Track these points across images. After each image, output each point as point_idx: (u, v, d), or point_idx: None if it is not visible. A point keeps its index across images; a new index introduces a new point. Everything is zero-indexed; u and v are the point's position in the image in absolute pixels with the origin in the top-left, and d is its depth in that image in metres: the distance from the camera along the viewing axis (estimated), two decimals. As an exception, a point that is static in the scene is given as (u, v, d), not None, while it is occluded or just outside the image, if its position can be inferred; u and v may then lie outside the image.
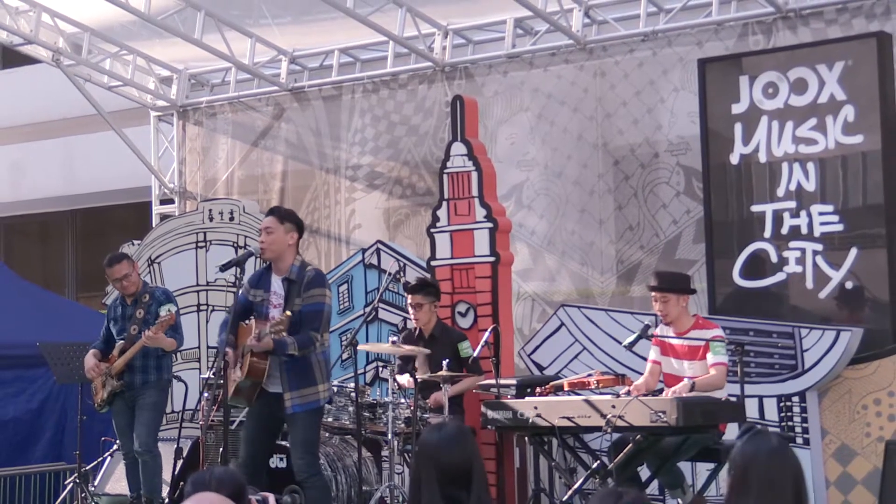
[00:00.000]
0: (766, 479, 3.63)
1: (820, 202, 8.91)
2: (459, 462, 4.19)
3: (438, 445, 4.23)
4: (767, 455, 3.66)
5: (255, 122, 12.24)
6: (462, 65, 11.02)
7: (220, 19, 11.14)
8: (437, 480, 4.15)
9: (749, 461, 3.69)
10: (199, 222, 11.57)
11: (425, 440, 4.34)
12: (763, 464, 3.66)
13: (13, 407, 10.98)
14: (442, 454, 4.20)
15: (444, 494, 4.14)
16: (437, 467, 4.17)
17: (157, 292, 9.01)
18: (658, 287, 7.80)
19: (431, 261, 9.49)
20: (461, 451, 4.24)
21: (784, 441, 3.75)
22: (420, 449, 4.33)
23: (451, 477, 4.16)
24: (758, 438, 3.73)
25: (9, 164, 16.71)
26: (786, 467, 3.67)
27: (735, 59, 9.51)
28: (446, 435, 4.30)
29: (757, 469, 3.66)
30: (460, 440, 4.30)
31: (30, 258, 17.48)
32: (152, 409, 8.84)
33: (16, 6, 11.28)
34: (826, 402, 8.60)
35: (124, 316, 8.85)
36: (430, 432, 4.40)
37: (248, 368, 7.42)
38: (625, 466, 7.37)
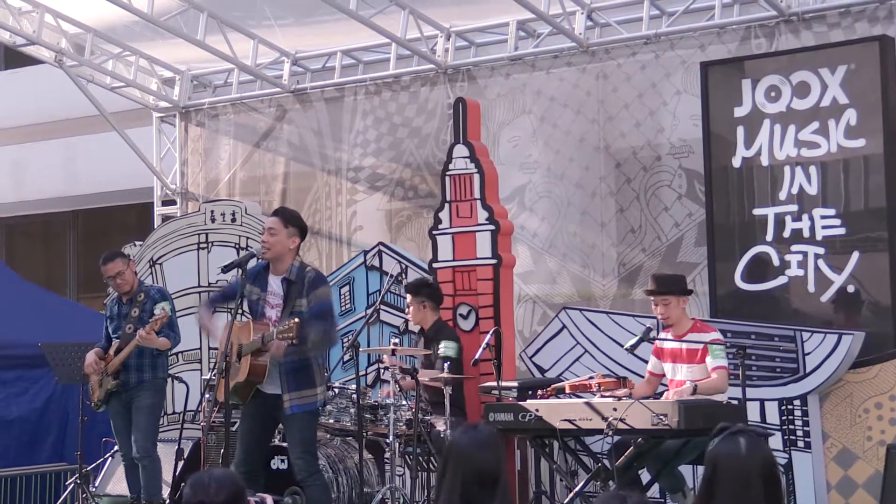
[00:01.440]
0: (737, 479, 3.68)
1: (822, 206, 8.92)
2: (490, 467, 4.18)
3: (472, 448, 4.20)
4: (737, 455, 3.71)
5: (257, 124, 12.24)
6: (464, 67, 11.02)
7: (222, 20, 11.15)
8: (462, 481, 4.13)
9: (720, 461, 3.74)
10: (200, 223, 11.58)
11: (460, 441, 4.30)
12: (733, 464, 3.70)
13: (17, 406, 10.99)
14: (475, 457, 4.17)
15: (465, 496, 4.12)
16: (467, 469, 4.15)
17: (152, 291, 8.99)
18: (658, 291, 7.81)
19: (433, 263, 9.50)
20: (494, 456, 4.23)
21: (756, 440, 3.79)
22: (453, 448, 4.29)
23: (477, 480, 4.14)
24: (729, 438, 3.78)
25: (11, 165, 16.73)
26: (755, 466, 3.70)
27: (738, 62, 9.51)
28: (481, 438, 4.28)
29: (727, 469, 3.71)
30: (494, 445, 4.30)
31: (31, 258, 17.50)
32: (149, 413, 8.80)
33: (19, 7, 11.29)
34: (827, 405, 8.60)
35: (120, 314, 8.84)
36: (464, 433, 4.38)
37: (249, 369, 7.43)
38: (626, 469, 7.37)
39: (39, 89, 15.28)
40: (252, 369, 7.44)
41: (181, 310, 10.95)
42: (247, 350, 7.46)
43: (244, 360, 7.50)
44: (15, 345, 10.84)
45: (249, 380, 7.46)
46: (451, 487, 4.14)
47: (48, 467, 10.84)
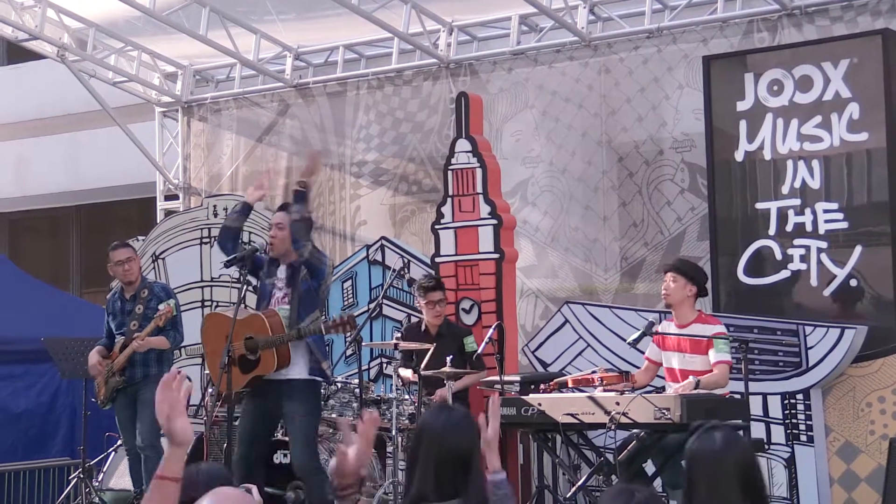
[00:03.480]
0: (712, 473, 3.74)
1: (824, 200, 8.92)
2: (462, 448, 4.17)
3: (444, 428, 4.20)
4: (712, 451, 3.77)
5: (259, 119, 12.24)
6: (467, 61, 11.01)
7: (224, 15, 11.15)
8: (436, 464, 4.12)
9: (696, 457, 3.81)
10: (203, 218, 11.59)
11: (430, 421, 4.29)
12: (708, 459, 3.77)
13: (24, 400, 11.02)
14: (448, 438, 4.16)
15: (439, 478, 4.11)
16: (439, 450, 4.14)
17: (156, 287, 8.98)
18: (672, 266, 7.83)
19: (436, 257, 9.51)
20: (465, 437, 4.22)
21: (733, 434, 3.85)
22: (423, 429, 4.28)
23: (449, 462, 4.13)
24: (706, 434, 3.84)
25: (14, 160, 16.72)
26: (729, 461, 3.75)
27: (740, 56, 9.51)
28: (452, 419, 4.27)
29: (703, 464, 3.77)
30: (466, 426, 4.27)
31: (35, 253, 17.50)
32: (153, 406, 8.80)
33: (21, 2, 11.29)
34: (830, 399, 8.61)
35: (123, 310, 8.82)
36: (435, 414, 4.36)
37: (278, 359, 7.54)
38: (630, 463, 7.37)
39: (42, 84, 15.28)
40: (280, 359, 7.54)
41: (184, 304, 10.98)
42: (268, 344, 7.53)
43: (267, 353, 7.56)
44: (19, 340, 10.86)
45: None
46: (424, 470, 4.14)
47: (53, 462, 10.87)
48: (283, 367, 7.63)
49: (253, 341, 7.63)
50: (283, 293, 7.75)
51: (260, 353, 7.65)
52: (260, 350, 7.63)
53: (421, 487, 4.12)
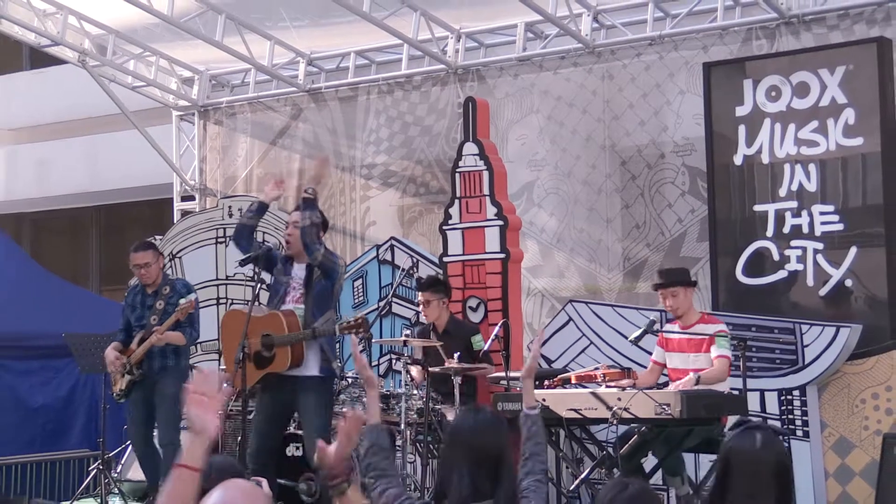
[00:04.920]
0: (747, 472, 3.67)
1: (821, 202, 8.92)
2: (492, 449, 4.14)
3: (474, 429, 4.17)
4: (751, 449, 3.70)
5: (273, 122, 12.26)
6: (474, 67, 11.02)
7: (240, 22, 11.17)
8: (470, 464, 4.08)
9: (732, 454, 3.72)
10: (218, 218, 11.61)
11: (461, 423, 4.26)
12: (745, 457, 3.69)
13: (42, 395, 11.04)
14: (477, 438, 4.14)
15: (474, 479, 4.08)
16: (472, 452, 4.11)
17: (177, 284, 8.95)
18: (666, 283, 7.81)
19: (444, 257, 9.51)
20: (496, 437, 4.19)
21: (771, 436, 3.77)
22: (455, 431, 4.25)
23: (481, 463, 4.10)
24: (746, 433, 3.76)
25: (36, 162, 16.76)
26: (768, 462, 3.69)
27: (739, 63, 9.51)
28: (483, 420, 4.25)
29: (739, 462, 3.69)
30: (496, 427, 4.25)
31: (56, 252, 17.54)
32: (174, 402, 8.73)
33: (43, 9, 11.32)
34: (826, 396, 8.61)
35: (143, 304, 8.75)
36: (465, 416, 4.33)
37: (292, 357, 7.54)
38: (630, 457, 7.38)
39: (63, 89, 15.30)
40: (294, 358, 7.55)
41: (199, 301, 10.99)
42: (284, 342, 7.55)
43: (282, 351, 7.58)
44: (40, 335, 10.89)
45: None
46: (460, 471, 4.10)
47: (72, 453, 10.89)
48: (297, 365, 7.64)
49: (269, 338, 7.65)
50: (298, 293, 7.75)
51: (275, 350, 7.66)
52: (275, 347, 7.64)
53: (458, 489, 4.08)
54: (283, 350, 7.61)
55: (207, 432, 3.29)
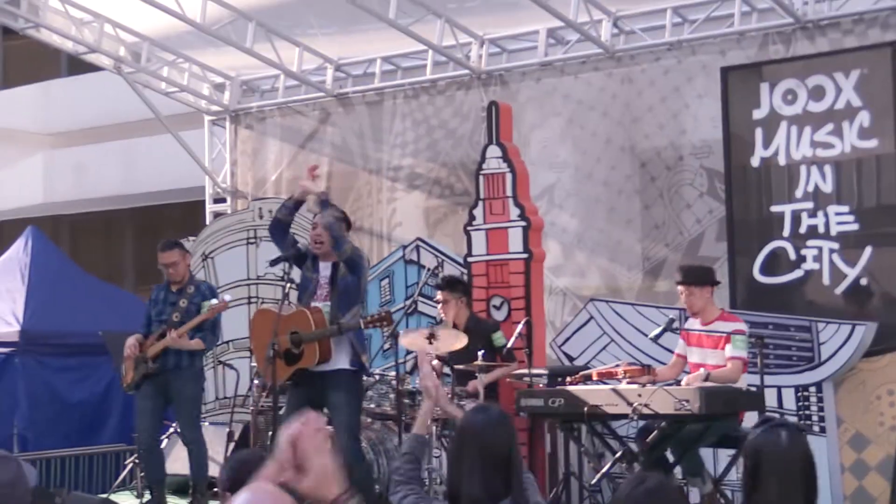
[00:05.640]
0: (777, 469, 3.64)
1: (836, 203, 8.89)
2: (501, 446, 4.10)
3: (484, 427, 4.13)
4: (778, 447, 3.67)
5: (302, 126, 12.28)
6: (497, 72, 11.02)
7: (270, 29, 11.20)
8: (480, 463, 4.04)
9: (761, 452, 3.69)
10: (249, 220, 11.64)
11: (470, 421, 4.22)
12: (774, 455, 3.66)
13: (79, 391, 11.11)
14: (486, 436, 4.10)
15: (484, 477, 4.03)
16: (481, 450, 4.07)
17: (202, 286, 8.92)
18: (682, 281, 7.81)
19: (468, 257, 9.52)
20: (504, 434, 4.16)
21: (796, 432, 3.75)
22: (463, 429, 4.20)
23: (491, 460, 4.06)
24: (771, 430, 3.73)
25: (74, 165, 16.87)
26: (795, 458, 3.66)
27: (756, 67, 9.48)
28: (491, 418, 4.21)
29: (768, 460, 3.66)
30: (504, 424, 4.23)
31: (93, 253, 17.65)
32: (193, 403, 8.76)
33: (80, 17, 11.38)
34: (841, 392, 8.58)
35: (167, 301, 8.72)
36: (474, 414, 4.29)
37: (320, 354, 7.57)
38: (651, 451, 7.37)
39: (99, 95, 15.40)
40: (322, 354, 7.58)
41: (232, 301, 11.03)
42: (311, 338, 7.58)
43: (309, 347, 7.61)
44: (78, 333, 10.95)
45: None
46: (470, 470, 4.05)
47: (108, 448, 10.95)
48: (325, 361, 7.67)
49: (297, 335, 7.68)
50: (325, 291, 7.79)
51: (303, 346, 7.69)
52: (303, 344, 7.67)
53: (469, 489, 4.05)
54: (310, 346, 7.65)
55: None
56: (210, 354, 11.31)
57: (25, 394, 10.85)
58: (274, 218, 8.12)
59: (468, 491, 4.05)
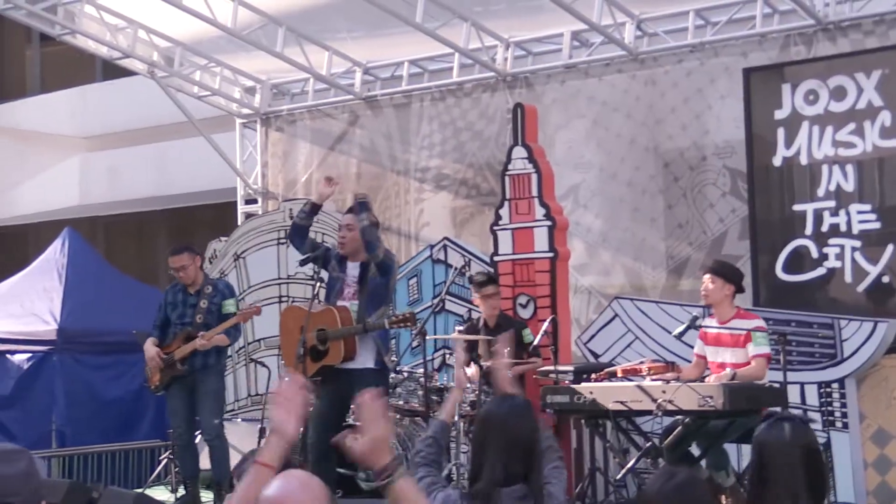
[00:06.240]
0: (782, 463, 3.66)
1: (858, 201, 8.84)
2: (525, 435, 4.10)
3: (507, 416, 4.11)
4: (782, 440, 3.70)
5: (331, 128, 12.30)
6: (522, 74, 11.01)
7: (299, 34, 11.22)
8: (503, 451, 4.04)
9: (766, 445, 3.73)
10: (280, 221, 11.66)
11: (493, 410, 4.20)
12: (778, 447, 3.69)
13: (115, 388, 11.16)
14: (509, 425, 4.09)
15: (507, 464, 4.03)
16: (505, 438, 4.06)
17: (220, 285, 8.95)
18: (710, 269, 7.77)
19: (494, 256, 9.51)
20: (527, 424, 4.15)
21: (800, 425, 3.77)
22: (487, 418, 4.19)
23: (513, 449, 4.06)
24: (775, 424, 3.77)
25: (108, 168, 16.95)
26: (799, 450, 3.68)
27: (778, 68, 9.44)
28: (515, 407, 4.20)
29: (773, 453, 3.69)
30: (527, 413, 4.22)
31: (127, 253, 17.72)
32: (216, 397, 8.80)
33: (115, 23, 11.43)
34: (864, 388, 8.52)
35: (186, 303, 8.75)
36: (498, 403, 4.27)
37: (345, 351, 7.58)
38: (675, 447, 7.34)
39: (133, 99, 15.45)
40: (347, 351, 7.59)
41: (262, 300, 11.08)
42: (337, 336, 7.59)
43: (335, 344, 7.63)
44: (113, 332, 11.00)
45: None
46: (493, 457, 4.05)
47: (144, 443, 11.00)
48: (350, 358, 7.67)
49: (323, 333, 7.69)
50: (352, 290, 7.80)
51: (329, 343, 7.70)
52: (329, 341, 7.68)
53: (491, 475, 4.05)
54: (336, 344, 7.66)
55: (287, 434, 3.33)
56: (242, 352, 11.39)
57: (63, 391, 10.92)
58: (293, 224, 8.16)
59: (489, 474, 4.05)
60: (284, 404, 3.37)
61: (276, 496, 3.03)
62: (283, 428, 3.34)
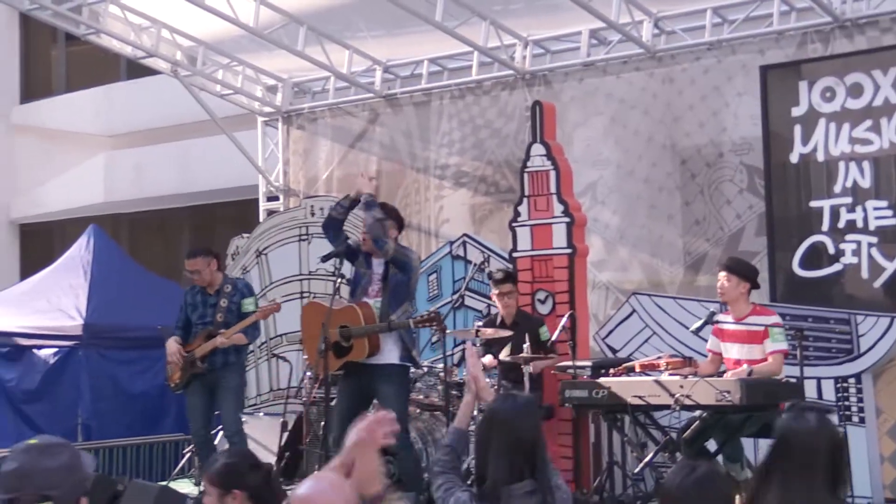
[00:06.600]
0: (805, 452, 3.64)
1: (874, 198, 8.80)
2: (528, 433, 4.10)
3: (512, 414, 4.12)
4: (807, 429, 3.67)
5: (352, 126, 12.30)
6: (541, 72, 10.98)
7: (320, 33, 11.22)
8: (507, 449, 4.05)
9: (790, 434, 3.69)
10: (301, 217, 11.68)
11: (498, 408, 4.20)
12: (803, 437, 3.66)
13: (141, 382, 11.20)
14: (514, 423, 4.09)
15: (511, 462, 4.04)
16: (508, 436, 4.06)
17: (239, 284, 8.98)
18: (725, 266, 7.74)
19: (513, 252, 9.49)
20: (531, 422, 4.15)
21: (824, 417, 3.75)
22: (492, 416, 4.19)
23: (519, 445, 4.06)
24: (799, 414, 3.74)
25: (133, 166, 16.99)
26: (823, 441, 3.67)
27: (795, 65, 9.39)
28: (519, 405, 4.20)
29: (797, 442, 3.66)
30: (530, 411, 4.21)
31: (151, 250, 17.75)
32: (235, 394, 8.81)
33: (139, 23, 11.46)
34: (880, 383, 8.48)
35: (206, 303, 8.77)
36: (502, 401, 4.28)
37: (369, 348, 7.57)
38: (693, 442, 7.32)
39: (157, 98, 15.49)
40: (371, 347, 7.59)
41: (284, 295, 11.09)
42: (361, 333, 7.59)
43: (359, 341, 7.62)
44: (138, 327, 11.03)
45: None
46: (497, 455, 4.06)
47: (168, 437, 11.02)
48: (374, 354, 7.68)
49: (347, 330, 7.69)
50: (376, 287, 7.79)
51: (353, 340, 7.70)
52: (353, 338, 7.68)
53: (495, 472, 4.06)
54: (360, 340, 7.66)
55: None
56: (263, 347, 11.41)
57: (88, 385, 10.96)
58: (328, 216, 8.15)
59: (494, 474, 4.06)
60: (364, 441, 3.39)
61: (306, 495, 3.04)
62: (350, 461, 3.36)
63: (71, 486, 3.09)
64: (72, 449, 3.19)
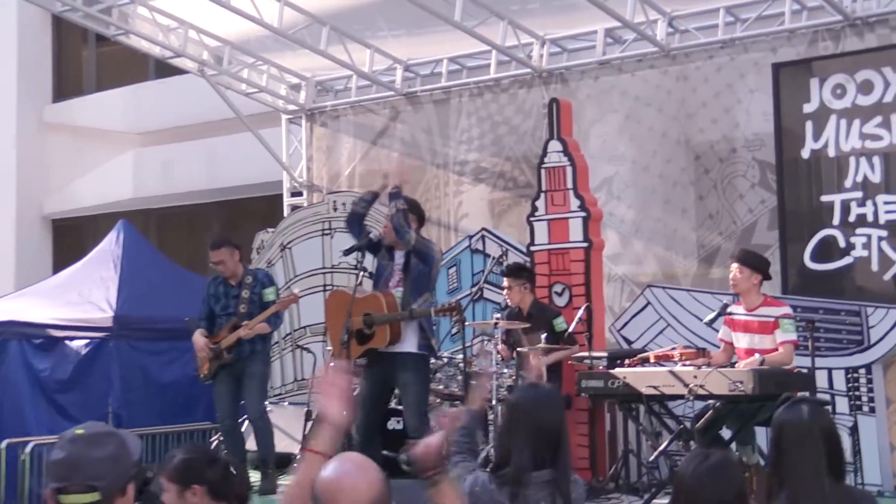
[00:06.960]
0: (799, 442, 3.68)
1: (885, 192, 8.79)
2: (551, 423, 4.09)
3: (535, 404, 4.10)
4: (800, 421, 3.71)
5: (373, 124, 12.34)
6: (558, 71, 10.99)
7: (342, 32, 11.26)
8: (530, 438, 4.03)
9: (784, 427, 3.74)
10: (324, 212, 11.72)
11: (522, 397, 4.20)
12: (796, 429, 3.71)
13: (170, 373, 11.23)
14: (537, 412, 4.08)
15: (533, 452, 4.03)
16: (531, 425, 4.05)
17: (259, 274, 8.99)
18: (737, 258, 7.74)
19: (531, 246, 9.52)
20: (555, 412, 4.14)
21: (817, 407, 3.79)
22: (515, 405, 4.18)
23: (541, 437, 4.04)
24: (793, 407, 3.78)
25: (161, 163, 17.05)
26: (816, 431, 3.70)
27: (806, 63, 9.38)
28: (543, 395, 4.19)
29: (791, 434, 3.71)
30: (555, 401, 4.20)
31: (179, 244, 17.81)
32: (260, 380, 8.83)
33: (167, 24, 11.52)
34: (890, 374, 8.48)
35: (228, 294, 8.80)
36: (526, 391, 4.27)
37: (391, 336, 7.60)
38: (706, 430, 7.33)
39: (185, 96, 15.53)
40: (393, 335, 7.63)
41: (307, 288, 11.13)
42: (383, 321, 7.62)
43: (381, 328, 7.66)
44: (167, 319, 11.08)
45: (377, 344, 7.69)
46: (520, 444, 4.05)
47: (197, 426, 11.07)
48: (395, 343, 7.71)
49: (370, 317, 7.72)
50: (398, 278, 7.83)
51: (375, 328, 7.73)
52: (375, 326, 7.72)
53: (518, 462, 4.05)
54: (382, 328, 7.69)
55: (331, 419, 3.34)
56: (288, 338, 11.46)
57: (119, 375, 11.00)
58: (350, 210, 8.18)
59: (517, 462, 4.05)
60: (327, 390, 3.39)
61: (332, 478, 3.05)
62: (326, 413, 3.36)
63: (117, 476, 3.08)
64: (118, 437, 3.15)
